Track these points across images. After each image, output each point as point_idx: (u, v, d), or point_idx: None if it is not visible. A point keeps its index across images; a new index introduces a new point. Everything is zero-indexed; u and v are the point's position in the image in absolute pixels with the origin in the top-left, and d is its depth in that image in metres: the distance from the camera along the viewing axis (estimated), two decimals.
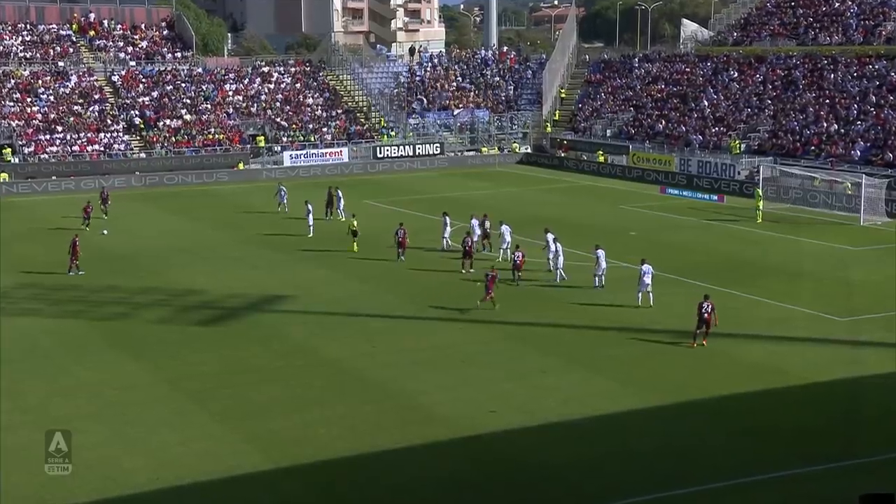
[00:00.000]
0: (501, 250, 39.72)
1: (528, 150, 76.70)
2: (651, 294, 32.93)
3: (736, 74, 71.55)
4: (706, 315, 28.43)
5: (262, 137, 71.82)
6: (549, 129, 78.54)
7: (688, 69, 75.66)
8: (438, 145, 74.39)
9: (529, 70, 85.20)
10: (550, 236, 37.51)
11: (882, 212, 48.97)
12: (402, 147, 72.94)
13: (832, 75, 65.24)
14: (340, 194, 51.01)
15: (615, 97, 77.87)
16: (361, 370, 27.14)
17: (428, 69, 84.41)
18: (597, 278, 35.11)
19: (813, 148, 59.52)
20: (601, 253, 35.00)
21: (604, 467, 21.25)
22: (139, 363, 27.94)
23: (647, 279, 32.69)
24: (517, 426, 23.19)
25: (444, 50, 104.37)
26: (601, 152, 70.50)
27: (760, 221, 48.03)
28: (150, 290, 36.11)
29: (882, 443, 21.94)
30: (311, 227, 45.63)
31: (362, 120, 76.76)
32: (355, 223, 42.83)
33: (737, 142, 63.63)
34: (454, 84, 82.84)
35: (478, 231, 40.96)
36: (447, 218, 42.43)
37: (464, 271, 37.49)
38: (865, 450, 21.64)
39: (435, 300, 34.37)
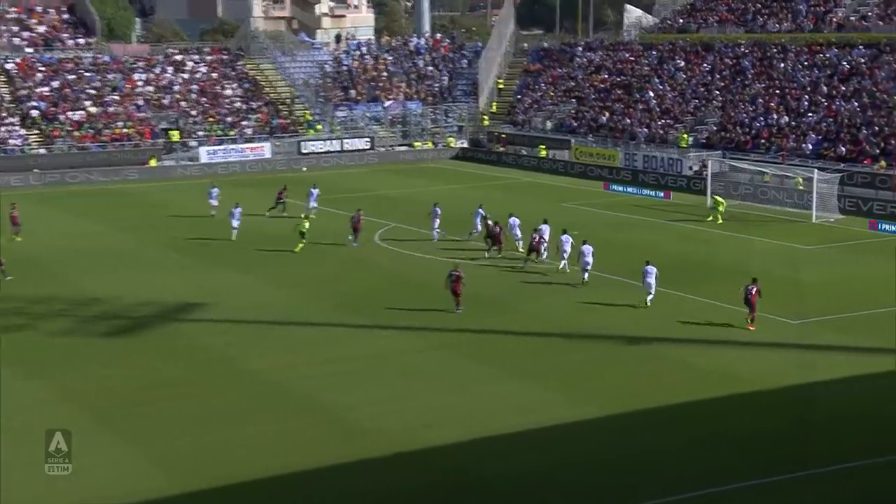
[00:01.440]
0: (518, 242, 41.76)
1: (465, 145, 76.79)
2: (650, 295, 33.72)
3: (682, 63, 72.62)
4: (751, 297, 31.16)
5: (176, 132, 70.81)
6: (486, 122, 78.72)
7: (632, 58, 76.58)
8: (368, 140, 74.27)
9: (465, 59, 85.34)
10: (565, 237, 39.18)
11: (834, 208, 50.04)
12: (328, 142, 72.72)
13: (782, 64, 66.61)
14: (317, 192, 51.29)
15: (556, 88, 78.46)
16: (284, 383, 26.88)
17: (356, 58, 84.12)
18: (586, 273, 36.54)
19: (763, 141, 60.67)
20: (587, 248, 36.57)
21: (547, 481, 21.31)
22: (37, 380, 27.26)
23: (651, 279, 33.67)
24: (454, 440, 23.17)
25: (373, 37, 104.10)
26: (542, 147, 70.93)
27: (720, 222, 48.57)
28: (50, 299, 35.33)
29: (833, 451, 22.40)
30: (236, 231, 45.01)
31: (285, 113, 76.20)
32: (307, 224, 42.93)
33: (684, 135, 64.59)
34: (384, 74, 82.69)
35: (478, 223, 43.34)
36: (437, 209, 44.42)
37: (487, 255, 40.78)
38: (817, 459, 22.06)
39: (365, 307, 34.22)
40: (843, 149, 56.12)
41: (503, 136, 75.06)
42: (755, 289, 31.33)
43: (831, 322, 32.13)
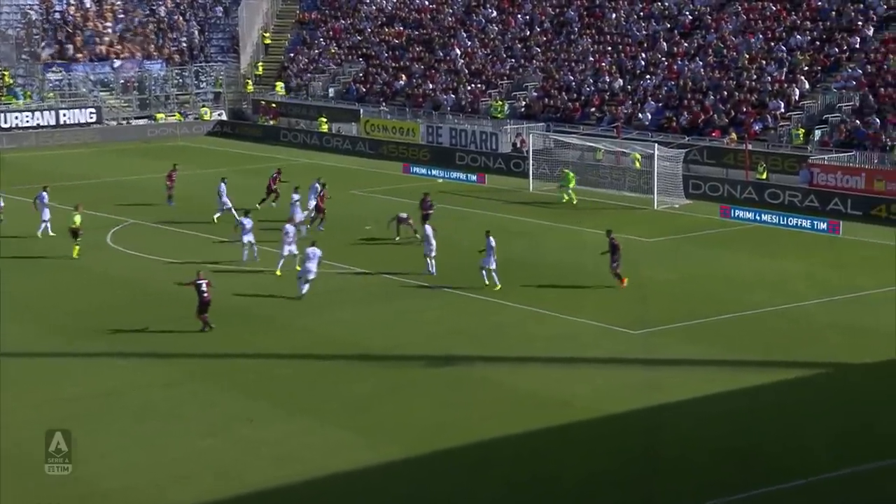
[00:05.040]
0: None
1: (223, 117, 76.29)
2: (430, 261, 37.95)
3: (494, 13, 74.20)
4: (617, 245, 37.12)
5: None
6: (250, 87, 78.22)
7: (432, 6, 77.63)
8: (94, 111, 73.14)
9: (220, 6, 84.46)
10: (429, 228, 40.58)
11: (679, 191, 52.11)
12: (38, 113, 71.38)
13: (614, 15, 69.07)
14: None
15: (338, 44, 78.62)
16: None
17: (73, 2, 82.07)
18: (429, 260, 38.88)
19: (594, 110, 62.74)
20: (429, 229, 39.49)
21: None
22: None
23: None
24: (216, 498, 23.00)
25: None
26: (323, 119, 71.08)
27: (575, 202, 50.66)
28: None
29: (683, 489, 23.29)
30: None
31: None
32: (77, 219, 41.65)
33: (500, 103, 65.98)
34: (112, 24, 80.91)
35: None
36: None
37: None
38: (665, 499, 22.92)
39: (93, 329, 33.53)
40: (688, 116, 58.70)
41: (273, 105, 74.73)
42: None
43: (679, 330, 33.49)
